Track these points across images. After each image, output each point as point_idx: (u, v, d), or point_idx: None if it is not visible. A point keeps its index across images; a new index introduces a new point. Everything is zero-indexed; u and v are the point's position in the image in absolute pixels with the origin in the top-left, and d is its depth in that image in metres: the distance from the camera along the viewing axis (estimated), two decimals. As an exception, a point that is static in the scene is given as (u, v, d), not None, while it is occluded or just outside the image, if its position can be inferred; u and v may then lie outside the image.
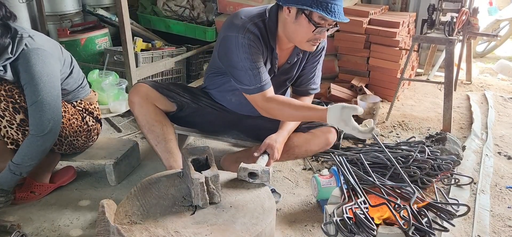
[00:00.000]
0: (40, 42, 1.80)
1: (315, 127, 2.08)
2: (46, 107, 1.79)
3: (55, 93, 1.84)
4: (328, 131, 2.07)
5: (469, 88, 3.70)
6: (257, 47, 1.80)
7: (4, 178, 1.83)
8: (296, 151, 2.07)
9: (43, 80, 1.77)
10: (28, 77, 1.75)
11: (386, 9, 3.77)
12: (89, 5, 4.02)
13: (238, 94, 1.98)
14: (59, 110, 1.86)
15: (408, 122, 2.96)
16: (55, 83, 1.83)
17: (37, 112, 1.78)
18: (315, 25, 1.70)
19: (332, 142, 2.10)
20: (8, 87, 1.80)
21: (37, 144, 1.81)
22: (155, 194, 1.60)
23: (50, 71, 1.80)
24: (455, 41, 2.72)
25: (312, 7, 1.64)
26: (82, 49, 3.48)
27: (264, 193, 1.61)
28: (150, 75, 3.37)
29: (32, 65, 1.75)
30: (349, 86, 3.25)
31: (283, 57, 1.95)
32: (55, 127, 1.84)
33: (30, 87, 1.77)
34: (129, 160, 2.27)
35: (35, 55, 1.76)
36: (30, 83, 1.76)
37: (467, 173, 2.21)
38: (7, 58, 1.72)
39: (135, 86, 1.97)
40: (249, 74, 1.79)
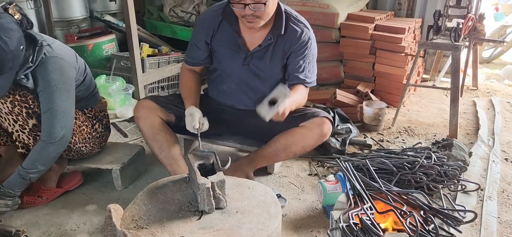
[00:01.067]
0: (57, 51, 1.83)
1: (307, 119, 2.04)
2: (60, 115, 1.81)
3: (70, 102, 1.86)
4: (321, 122, 2.03)
5: (475, 94, 3.68)
6: (201, 27, 2.04)
7: (13, 182, 1.85)
8: (293, 149, 2.06)
9: (59, 88, 1.80)
10: (45, 84, 1.78)
11: (391, 15, 3.77)
12: (97, 11, 4.07)
13: (226, 81, 2.11)
14: (72, 118, 1.89)
15: (414, 128, 2.95)
16: (70, 91, 1.86)
17: (50, 119, 1.80)
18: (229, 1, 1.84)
19: (327, 132, 2.06)
20: (22, 93, 1.83)
21: (48, 150, 1.83)
22: (162, 199, 1.61)
23: (66, 80, 1.83)
24: (461, 47, 2.71)
25: None
26: (89, 54, 3.51)
27: (270, 198, 1.61)
28: (156, 81, 3.39)
29: (49, 73, 1.77)
30: (355, 92, 3.24)
31: (255, 40, 1.99)
32: (67, 135, 1.86)
33: (46, 95, 1.79)
34: (136, 164, 2.28)
35: (53, 63, 1.78)
36: (46, 91, 1.79)
37: (474, 180, 2.20)
38: (28, 67, 1.74)
39: (139, 102, 2.09)
40: (188, 47, 2.13)
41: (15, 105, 1.82)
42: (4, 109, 1.83)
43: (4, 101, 1.81)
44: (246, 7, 1.78)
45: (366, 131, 2.89)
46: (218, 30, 2.01)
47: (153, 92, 3.44)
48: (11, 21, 1.66)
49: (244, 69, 2.05)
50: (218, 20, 2.00)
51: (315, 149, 2.55)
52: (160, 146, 2.03)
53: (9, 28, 1.62)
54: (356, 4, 3.59)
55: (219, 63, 2.10)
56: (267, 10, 1.83)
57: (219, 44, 2.04)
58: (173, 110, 2.08)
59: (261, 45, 1.99)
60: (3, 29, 1.60)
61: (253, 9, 1.79)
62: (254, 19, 1.83)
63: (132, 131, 2.88)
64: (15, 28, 1.65)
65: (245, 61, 2.03)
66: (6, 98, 1.81)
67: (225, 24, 2.00)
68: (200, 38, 2.06)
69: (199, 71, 2.18)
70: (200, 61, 2.12)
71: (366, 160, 2.11)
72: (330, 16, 3.33)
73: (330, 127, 2.07)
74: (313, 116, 2.05)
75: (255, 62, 2.03)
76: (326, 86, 3.62)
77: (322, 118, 2.05)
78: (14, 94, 1.81)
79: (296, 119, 2.05)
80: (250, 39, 2.00)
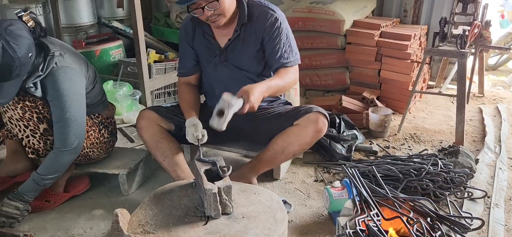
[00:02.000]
0: (69, 61, 1.85)
1: (300, 116, 2.02)
2: (74, 123, 1.83)
3: (82, 110, 1.88)
4: (315, 118, 2.00)
5: (481, 101, 3.67)
6: (182, 34, 2.13)
7: (27, 187, 1.87)
8: (291, 149, 2.04)
9: (71, 98, 1.81)
10: (56, 94, 1.79)
11: (397, 22, 3.77)
12: (104, 17, 4.11)
13: (215, 86, 2.14)
14: (84, 126, 1.92)
15: (420, 135, 2.94)
16: (81, 100, 1.88)
17: (64, 128, 1.82)
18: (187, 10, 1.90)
19: (323, 127, 2.01)
20: (32, 98, 1.84)
21: (62, 157, 1.86)
22: (168, 204, 1.62)
23: (77, 89, 1.85)
24: (467, 54, 2.71)
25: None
26: (96, 60, 3.55)
27: (276, 204, 1.62)
28: (163, 86, 3.41)
29: (60, 83, 1.79)
30: (361, 98, 3.25)
31: (225, 37, 2.04)
32: (80, 142, 1.89)
33: (58, 104, 1.81)
34: (142, 169, 2.30)
35: (63, 73, 1.80)
36: (57, 100, 1.80)
37: (480, 187, 2.19)
38: (38, 75, 1.76)
39: (140, 113, 2.13)
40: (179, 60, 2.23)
41: (26, 111, 1.84)
42: (15, 116, 1.85)
43: (15, 108, 1.83)
44: (204, 10, 1.84)
45: (372, 138, 2.89)
46: (194, 35, 2.10)
47: (160, 98, 3.46)
48: (22, 28, 1.67)
49: (226, 68, 2.08)
50: (191, 27, 2.09)
51: (321, 155, 2.56)
52: (163, 153, 2.05)
53: (19, 35, 1.64)
54: (361, 11, 3.60)
55: (204, 67, 2.16)
56: (224, 5, 1.87)
57: (197, 47, 2.12)
58: (173, 120, 2.10)
59: (231, 38, 2.03)
60: (12, 36, 1.61)
61: (210, 9, 1.84)
62: (216, 18, 1.89)
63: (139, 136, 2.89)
64: (25, 36, 1.67)
65: (221, 59, 2.07)
66: (16, 105, 1.83)
67: (198, 29, 2.08)
68: (184, 44, 2.14)
69: (194, 82, 2.20)
70: (191, 68, 2.16)
71: (373, 167, 2.11)
72: (335, 23, 3.34)
73: (325, 121, 2.02)
74: (307, 112, 2.02)
75: (231, 58, 2.06)
76: (332, 92, 3.63)
77: (316, 113, 2.01)
78: (23, 100, 1.83)
79: (290, 118, 2.05)
80: (221, 37, 2.06)
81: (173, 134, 2.11)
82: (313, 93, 3.68)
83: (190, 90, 2.16)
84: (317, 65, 3.57)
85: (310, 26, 3.45)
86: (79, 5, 3.80)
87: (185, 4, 1.83)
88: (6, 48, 1.58)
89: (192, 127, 1.89)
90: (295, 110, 2.09)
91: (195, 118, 1.94)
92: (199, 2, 1.83)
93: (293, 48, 2.08)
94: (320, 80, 3.61)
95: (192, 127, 1.89)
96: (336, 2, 3.49)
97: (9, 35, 1.60)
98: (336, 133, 2.63)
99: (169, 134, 2.10)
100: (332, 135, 2.59)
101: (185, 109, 2.04)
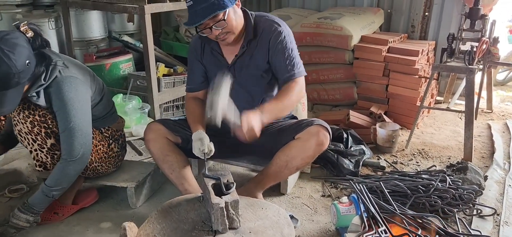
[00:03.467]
0: (73, 70, 1.87)
1: (301, 130, 2.02)
2: (78, 133, 1.85)
3: (87, 120, 1.90)
4: (316, 131, 1.99)
5: (490, 117, 3.65)
6: (192, 51, 2.16)
7: (37, 199, 1.89)
8: (294, 163, 2.04)
9: (75, 107, 1.83)
10: (61, 103, 1.82)
11: (405, 37, 3.78)
12: (115, 31, 4.17)
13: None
14: (90, 136, 1.93)
15: (428, 150, 2.93)
16: (86, 109, 1.90)
17: (69, 138, 1.84)
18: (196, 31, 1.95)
19: (324, 140, 2.00)
20: (42, 113, 1.87)
21: (69, 168, 1.87)
22: (176, 217, 1.62)
23: (82, 98, 1.87)
24: (475, 70, 2.70)
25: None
26: (107, 73, 3.59)
27: (283, 219, 1.62)
28: (171, 100, 3.44)
29: (64, 92, 1.81)
30: (368, 113, 3.25)
31: (233, 53, 2.07)
32: (87, 152, 1.90)
33: (63, 114, 1.83)
34: (150, 183, 2.31)
35: (67, 83, 1.82)
36: (62, 110, 1.82)
37: (489, 204, 2.17)
38: (40, 84, 1.78)
39: (148, 126, 2.14)
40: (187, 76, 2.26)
41: (35, 125, 1.87)
42: (24, 129, 1.87)
43: (24, 122, 1.86)
44: (212, 29, 1.87)
45: (380, 153, 2.88)
46: (203, 52, 2.13)
47: (168, 111, 3.49)
48: (18, 37, 1.69)
49: (234, 83, 2.05)
50: (200, 43, 2.12)
51: (328, 170, 2.56)
52: (170, 166, 2.07)
53: (15, 43, 1.65)
54: (369, 27, 3.62)
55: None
56: (231, 23, 1.90)
57: (206, 64, 2.14)
58: (180, 133, 2.12)
59: (237, 54, 2.05)
60: (7, 44, 1.63)
61: (218, 28, 1.87)
62: (225, 36, 1.92)
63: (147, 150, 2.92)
64: (22, 44, 1.68)
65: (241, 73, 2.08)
66: (26, 119, 1.85)
67: (206, 46, 2.11)
68: (193, 61, 2.17)
69: (202, 97, 2.21)
70: (199, 84, 2.18)
71: (380, 182, 2.10)
72: (343, 38, 3.36)
73: (326, 134, 2.01)
74: (308, 125, 2.02)
75: (239, 74, 2.08)
76: (339, 107, 3.64)
77: (317, 126, 2.00)
78: (33, 115, 1.85)
79: (291, 132, 2.05)
80: (229, 54, 2.09)
81: (181, 147, 2.12)
82: (321, 107, 3.69)
83: (197, 105, 2.18)
84: (325, 80, 3.59)
85: (318, 41, 3.48)
86: (91, 19, 3.87)
87: (193, 25, 1.86)
88: (1, 57, 1.60)
89: (199, 141, 1.90)
90: (297, 124, 2.10)
91: (201, 132, 1.95)
92: (206, 23, 1.85)
93: (297, 62, 2.07)
94: (328, 95, 3.62)
95: (199, 141, 1.90)
96: (344, 18, 3.52)
97: (4, 44, 1.62)
98: (344, 148, 2.63)
99: (177, 147, 2.12)
100: (340, 150, 2.59)
101: (192, 123, 2.06)
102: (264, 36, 2.02)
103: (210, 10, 1.80)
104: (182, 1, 3.17)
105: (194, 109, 2.15)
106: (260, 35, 2.03)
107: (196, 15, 1.83)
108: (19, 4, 3.72)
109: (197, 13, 1.82)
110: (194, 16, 1.83)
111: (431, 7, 3.87)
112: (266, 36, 2.02)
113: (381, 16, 3.89)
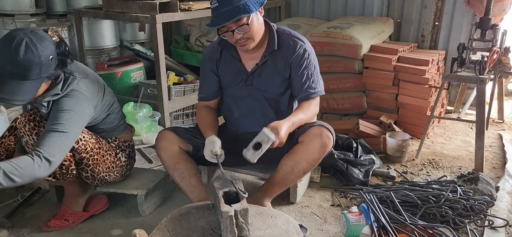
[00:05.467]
0: (82, 86, 1.87)
1: (303, 132, 2.02)
2: (63, 136, 1.75)
3: (76, 131, 1.84)
4: (319, 132, 1.99)
5: (501, 127, 3.61)
6: (206, 59, 2.19)
7: None
8: (300, 167, 2.04)
9: (71, 114, 1.79)
10: (58, 107, 1.79)
11: (415, 46, 3.77)
12: (126, 40, 4.23)
13: (235, 108, 2.20)
14: (70, 146, 1.83)
15: (439, 160, 2.91)
16: (79, 122, 1.85)
17: (47, 136, 1.73)
18: (218, 33, 1.96)
19: (327, 141, 1.99)
20: None
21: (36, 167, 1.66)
22: (185, 225, 1.64)
23: (80, 110, 1.83)
24: (486, 80, 2.69)
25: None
26: (118, 82, 3.64)
27: (293, 228, 1.62)
28: (181, 108, 3.47)
29: (65, 102, 1.80)
30: (378, 122, 3.24)
31: (253, 61, 2.09)
32: (58, 161, 1.76)
33: (56, 114, 1.77)
34: (160, 190, 2.33)
35: (72, 97, 1.82)
36: (57, 112, 1.78)
37: (501, 215, 2.14)
38: (55, 93, 1.79)
39: (159, 134, 2.16)
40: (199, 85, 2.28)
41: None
42: (30, 141, 1.88)
43: (30, 133, 1.87)
44: (234, 33, 1.89)
45: (390, 162, 2.87)
46: (221, 59, 2.14)
47: (178, 119, 3.52)
48: (46, 35, 1.73)
49: (249, 92, 2.12)
50: (218, 50, 2.13)
51: (338, 179, 2.55)
52: (180, 174, 2.08)
53: (43, 37, 1.70)
54: (379, 36, 3.62)
55: (226, 90, 2.20)
56: (253, 29, 1.92)
57: (223, 71, 2.15)
58: (191, 141, 2.13)
59: (258, 63, 2.07)
60: (36, 36, 1.68)
61: (240, 32, 1.89)
62: (245, 41, 1.94)
63: (157, 157, 2.94)
64: (49, 40, 1.72)
65: (247, 82, 2.11)
66: (32, 131, 1.86)
67: (225, 53, 2.12)
68: (207, 70, 2.18)
69: (213, 106, 2.25)
70: (211, 93, 2.21)
71: (390, 192, 2.09)
72: (353, 48, 3.37)
73: (329, 135, 2.01)
74: (310, 127, 2.03)
75: (257, 82, 2.10)
76: (349, 116, 3.63)
77: (319, 127, 2.01)
78: (39, 127, 1.87)
79: (295, 135, 2.05)
80: (248, 61, 2.10)
81: (191, 155, 2.14)
82: (330, 116, 3.69)
83: (209, 112, 2.21)
84: (334, 89, 3.59)
85: (327, 50, 3.48)
86: (103, 28, 3.92)
87: (216, 27, 1.88)
88: (29, 45, 1.64)
89: (211, 143, 1.92)
90: (300, 128, 2.09)
91: (214, 136, 1.98)
92: (229, 26, 1.87)
93: (320, 80, 2.14)
94: (337, 104, 3.62)
95: (211, 143, 1.92)
96: (353, 27, 3.52)
97: (33, 35, 1.67)
98: (353, 157, 2.62)
99: (187, 155, 2.13)
100: (349, 159, 2.58)
101: (205, 130, 2.08)
102: (289, 51, 2.05)
103: (234, 13, 1.83)
104: (193, 11, 3.21)
105: (205, 117, 2.17)
106: (283, 49, 2.05)
107: (220, 17, 1.85)
108: (33, 14, 3.79)
109: (221, 15, 1.84)
110: (218, 18, 1.86)
111: (441, 17, 3.86)
112: (291, 51, 2.05)
113: (390, 25, 3.89)
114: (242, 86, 2.12)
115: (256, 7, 1.88)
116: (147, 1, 3.03)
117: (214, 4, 1.88)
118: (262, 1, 1.94)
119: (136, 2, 3.07)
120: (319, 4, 4.38)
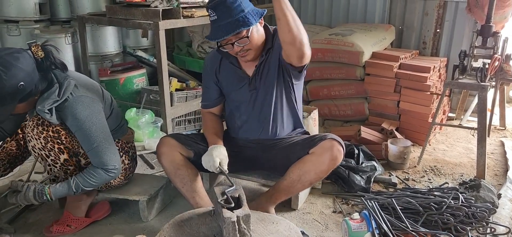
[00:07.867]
0: (82, 90, 1.89)
1: (315, 145, 2.02)
2: (105, 147, 1.91)
3: (107, 133, 1.94)
4: (330, 145, 1.98)
5: (503, 134, 3.61)
6: (207, 68, 2.20)
7: (60, 192, 1.92)
8: (308, 177, 2.04)
9: (94, 123, 1.87)
10: (79, 123, 1.85)
11: (416, 53, 3.78)
12: (129, 46, 4.24)
13: (238, 115, 2.19)
14: (115, 147, 1.99)
15: (441, 167, 2.91)
16: (104, 123, 1.94)
17: (97, 157, 1.91)
18: (217, 45, 1.98)
19: (338, 155, 1.99)
20: (55, 129, 1.89)
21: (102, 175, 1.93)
22: (187, 231, 1.64)
23: (97, 114, 1.90)
24: (488, 87, 2.69)
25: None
26: (120, 88, 3.65)
27: (295, 234, 1.62)
28: (184, 114, 3.48)
29: (79, 112, 1.83)
30: (380, 129, 3.24)
31: (251, 65, 2.08)
32: (118, 163, 1.98)
33: (83, 134, 1.87)
34: (162, 196, 2.33)
35: (80, 102, 1.85)
36: (81, 130, 1.86)
37: (503, 222, 2.13)
38: (54, 100, 1.80)
39: (160, 140, 2.17)
40: (202, 92, 2.30)
41: (48, 141, 1.89)
42: (37, 145, 1.90)
43: (38, 138, 1.88)
44: (233, 45, 1.90)
45: (391, 169, 2.87)
46: (220, 67, 2.15)
47: (180, 126, 3.53)
48: (19, 58, 1.69)
49: (252, 96, 2.12)
50: (218, 59, 2.14)
51: (339, 186, 2.55)
52: (182, 180, 2.09)
53: (11, 63, 1.65)
54: (380, 43, 3.63)
55: (229, 97, 2.21)
56: (253, 41, 1.93)
57: (224, 79, 2.16)
58: (192, 147, 2.13)
59: (257, 64, 2.07)
60: (3, 64, 1.64)
61: (240, 45, 1.90)
62: (245, 53, 1.95)
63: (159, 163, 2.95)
64: (18, 66, 1.67)
65: (251, 87, 2.11)
66: (40, 135, 1.88)
67: (224, 61, 2.13)
68: (208, 79, 2.20)
69: (217, 113, 2.27)
70: (214, 100, 2.23)
71: (392, 199, 2.09)
72: (354, 54, 3.38)
73: (340, 149, 2.01)
74: (321, 140, 2.02)
75: (259, 83, 2.09)
76: (351, 123, 3.63)
77: (330, 140, 2.00)
78: (47, 131, 1.88)
79: (305, 146, 2.06)
80: (247, 66, 2.10)
81: (193, 161, 2.14)
82: (332, 123, 3.69)
83: (213, 118, 2.23)
84: (336, 95, 3.60)
85: (329, 57, 3.50)
86: (106, 35, 3.94)
87: (216, 40, 1.89)
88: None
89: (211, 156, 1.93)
90: (311, 138, 2.10)
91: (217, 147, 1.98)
92: (229, 38, 1.88)
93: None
94: (339, 110, 3.62)
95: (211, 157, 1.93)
96: (355, 34, 3.54)
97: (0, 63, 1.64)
98: (355, 164, 2.62)
99: (189, 161, 2.14)
100: (351, 165, 2.59)
101: (210, 136, 2.10)
102: (277, 42, 2.03)
103: (234, 27, 1.82)
104: (195, 18, 3.22)
105: (210, 123, 2.20)
106: (275, 45, 2.05)
107: (219, 30, 1.85)
108: (37, 20, 3.81)
109: (221, 28, 1.84)
110: (218, 31, 1.85)
111: (442, 24, 3.87)
112: (277, 40, 2.00)
113: (392, 32, 3.90)
114: (246, 90, 2.12)
115: (256, 19, 1.87)
116: (150, 8, 3.05)
117: (212, 16, 1.86)
118: (262, 12, 1.93)
119: (139, 9, 3.10)
120: (321, 11, 4.40)
